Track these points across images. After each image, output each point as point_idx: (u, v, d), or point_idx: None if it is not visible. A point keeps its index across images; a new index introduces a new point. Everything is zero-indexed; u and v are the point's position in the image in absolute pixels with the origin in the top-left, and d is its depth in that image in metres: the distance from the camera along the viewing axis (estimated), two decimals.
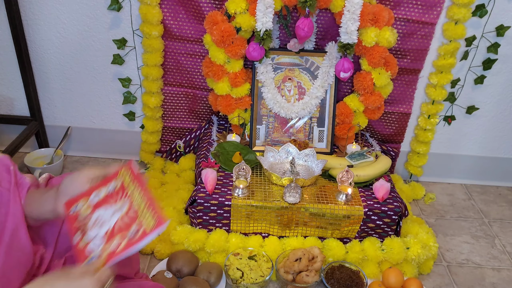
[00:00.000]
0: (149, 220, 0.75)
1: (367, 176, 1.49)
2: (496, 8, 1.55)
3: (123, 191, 0.82)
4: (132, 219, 0.77)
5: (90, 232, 0.79)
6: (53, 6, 1.62)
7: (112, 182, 0.84)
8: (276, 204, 1.38)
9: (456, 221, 1.73)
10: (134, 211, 0.78)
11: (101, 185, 0.84)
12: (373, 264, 1.39)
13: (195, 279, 1.28)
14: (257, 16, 1.43)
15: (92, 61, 1.73)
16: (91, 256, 0.76)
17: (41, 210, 0.84)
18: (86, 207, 0.81)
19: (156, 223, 0.74)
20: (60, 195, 0.82)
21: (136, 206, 0.79)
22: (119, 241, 0.75)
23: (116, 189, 0.83)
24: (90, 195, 0.82)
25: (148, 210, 0.77)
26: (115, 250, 0.75)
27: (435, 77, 1.65)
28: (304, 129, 1.64)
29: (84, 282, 0.70)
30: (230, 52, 1.49)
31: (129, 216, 0.78)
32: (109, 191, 0.82)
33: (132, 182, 0.82)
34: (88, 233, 0.79)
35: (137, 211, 0.78)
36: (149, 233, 0.73)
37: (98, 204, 0.81)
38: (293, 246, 1.40)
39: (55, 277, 0.71)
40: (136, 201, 0.79)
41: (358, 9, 1.42)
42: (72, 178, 0.83)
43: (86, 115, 1.86)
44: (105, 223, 0.79)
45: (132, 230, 0.75)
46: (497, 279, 1.47)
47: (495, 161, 1.90)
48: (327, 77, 1.58)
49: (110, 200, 0.81)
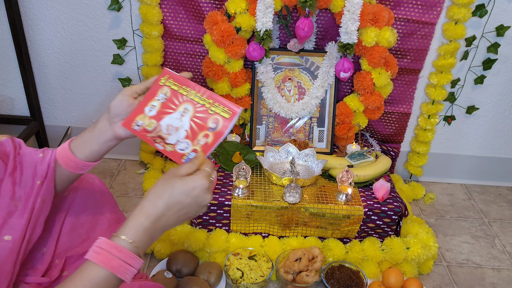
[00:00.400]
0: (223, 112, 0.84)
1: (367, 176, 1.49)
2: (496, 8, 1.55)
3: (177, 96, 0.87)
4: (205, 117, 0.84)
5: (170, 138, 0.84)
6: (53, 6, 1.62)
7: (159, 93, 0.88)
8: (276, 204, 1.38)
9: (456, 221, 1.73)
10: (203, 110, 0.85)
11: (149, 98, 0.88)
12: (373, 264, 1.39)
13: (195, 279, 1.28)
14: (257, 16, 1.43)
15: (92, 61, 1.73)
16: (187, 154, 0.83)
17: (96, 147, 0.88)
18: (149, 122, 0.86)
19: (232, 113, 0.84)
20: (114, 119, 0.86)
21: (201, 105, 0.85)
22: (205, 136, 0.83)
23: (168, 96, 0.88)
24: (143, 111, 0.86)
25: (216, 105, 0.85)
26: (206, 143, 0.83)
27: (435, 77, 1.65)
28: (304, 129, 1.64)
29: (196, 178, 0.74)
30: (230, 52, 1.49)
31: (199, 116, 0.85)
32: (161, 101, 0.87)
33: (181, 86, 0.88)
34: (168, 139, 0.84)
35: (206, 110, 0.85)
36: (229, 120, 0.83)
37: (159, 115, 0.86)
38: (293, 246, 1.40)
39: (170, 179, 0.75)
40: (199, 101, 0.86)
41: (358, 9, 1.42)
42: (117, 101, 0.86)
43: (86, 115, 1.86)
44: (180, 128, 0.85)
45: (211, 125, 0.83)
46: (497, 279, 1.47)
47: (495, 161, 1.90)
48: (327, 77, 1.58)
49: (168, 108, 0.86)
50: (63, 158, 0.89)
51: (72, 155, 0.88)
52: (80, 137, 0.90)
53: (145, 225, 0.72)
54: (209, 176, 0.77)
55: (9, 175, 0.83)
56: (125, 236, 0.70)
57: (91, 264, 0.69)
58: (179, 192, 0.73)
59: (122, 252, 0.69)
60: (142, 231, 0.72)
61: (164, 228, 0.75)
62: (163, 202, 0.73)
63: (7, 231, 0.79)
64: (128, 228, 0.71)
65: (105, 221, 1.05)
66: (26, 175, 0.86)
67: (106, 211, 1.07)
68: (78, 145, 0.89)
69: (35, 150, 0.90)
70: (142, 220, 0.72)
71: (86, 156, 0.89)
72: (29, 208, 0.83)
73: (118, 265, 0.68)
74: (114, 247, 0.69)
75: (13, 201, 0.82)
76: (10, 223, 0.80)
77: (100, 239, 0.70)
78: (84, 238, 0.99)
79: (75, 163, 0.89)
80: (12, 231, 0.80)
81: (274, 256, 1.38)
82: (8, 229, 0.79)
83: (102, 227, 1.03)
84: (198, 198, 0.74)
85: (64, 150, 0.89)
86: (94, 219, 1.03)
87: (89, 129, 0.89)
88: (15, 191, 0.83)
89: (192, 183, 0.74)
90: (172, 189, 0.73)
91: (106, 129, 0.87)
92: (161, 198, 0.73)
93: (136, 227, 0.71)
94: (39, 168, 0.87)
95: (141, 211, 0.73)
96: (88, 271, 0.68)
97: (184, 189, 0.73)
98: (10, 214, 0.81)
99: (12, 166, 0.84)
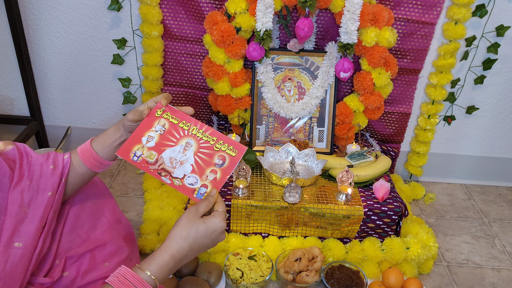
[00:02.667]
0: (229, 150, 0.88)
1: (367, 176, 1.49)
2: (496, 8, 1.55)
3: (177, 129, 0.90)
4: (211, 153, 0.88)
5: (176, 172, 0.87)
6: (53, 6, 1.62)
7: (156, 124, 0.90)
8: (276, 204, 1.38)
9: (456, 221, 1.73)
10: (207, 147, 0.89)
11: (145, 129, 0.90)
12: (373, 264, 1.39)
13: (195, 279, 1.28)
14: (257, 16, 1.43)
15: (92, 61, 1.73)
16: (198, 189, 0.86)
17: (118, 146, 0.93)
18: (148, 153, 0.88)
19: (238, 151, 0.88)
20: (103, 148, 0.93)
21: (205, 141, 0.89)
22: (213, 172, 0.87)
23: (167, 128, 0.90)
24: (141, 141, 0.89)
25: (220, 143, 0.89)
26: (214, 178, 0.87)
27: (435, 77, 1.65)
28: (304, 129, 1.64)
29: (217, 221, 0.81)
30: (230, 52, 1.49)
31: (204, 151, 0.89)
32: (159, 133, 0.90)
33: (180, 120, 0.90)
34: (174, 173, 0.87)
35: (211, 146, 0.88)
36: (236, 158, 0.88)
37: (159, 147, 0.88)
38: (293, 246, 1.40)
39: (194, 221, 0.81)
40: (202, 137, 0.89)
41: (358, 9, 1.42)
42: (131, 115, 0.91)
43: (86, 115, 1.86)
44: (185, 162, 0.88)
45: (217, 161, 0.88)
46: (497, 279, 1.47)
47: (495, 161, 1.90)
48: (327, 77, 1.58)
49: (168, 140, 0.89)
50: (86, 156, 0.94)
51: (96, 154, 0.94)
52: (102, 137, 0.95)
53: (170, 265, 0.79)
54: (225, 217, 0.84)
55: (17, 183, 0.85)
56: (150, 272, 0.76)
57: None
58: (202, 236, 0.80)
59: (143, 285, 0.75)
60: (166, 270, 0.78)
61: (181, 264, 0.82)
62: (187, 245, 0.80)
63: (18, 238, 0.81)
64: (154, 265, 0.77)
65: (105, 221, 1.05)
66: (35, 184, 0.88)
67: (106, 211, 1.07)
68: (101, 145, 0.94)
69: (46, 160, 0.92)
70: (167, 259, 0.78)
71: (110, 156, 0.95)
72: (39, 217, 0.85)
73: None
74: (138, 281, 0.75)
75: (22, 208, 0.84)
76: (21, 230, 0.82)
77: (125, 269, 0.76)
78: (84, 238, 0.99)
79: (99, 162, 0.94)
80: (23, 238, 0.82)
81: (274, 256, 1.38)
82: (18, 236, 0.81)
83: (102, 227, 1.03)
84: (216, 240, 0.83)
85: (87, 149, 0.94)
86: (94, 219, 1.03)
87: (111, 129, 0.94)
88: (24, 199, 0.85)
89: (213, 227, 0.81)
90: (196, 233, 0.80)
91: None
92: (186, 241, 0.80)
93: (161, 265, 0.78)
94: (51, 180, 0.90)
95: (167, 251, 0.79)
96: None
97: (206, 232, 0.81)
98: (21, 222, 0.83)
99: (19, 175, 0.86)
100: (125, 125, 0.92)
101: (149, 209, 1.55)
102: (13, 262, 0.79)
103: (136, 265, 0.77)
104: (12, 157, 0.88)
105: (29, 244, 0.82)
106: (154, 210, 1.54)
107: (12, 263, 0.78)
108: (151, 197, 1.59)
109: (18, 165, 0.87)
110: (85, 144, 0.95)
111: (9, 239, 0.80)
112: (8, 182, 0.84)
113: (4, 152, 0.88)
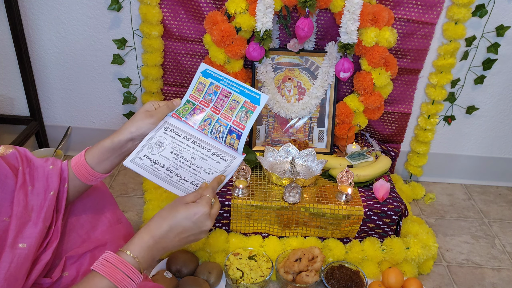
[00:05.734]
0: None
1: (367, 176, 1.49)
2: (496, 8, 1.55)
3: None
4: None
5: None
6: (53, 6, 1.62)
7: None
8: (276, 204, 1.38)
9: (456, 221, 1.73)
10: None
11: None
12: (373, 264, 1.39)
13: (195, 279, 1.28)
14: (257, 16, 1.43)
15: (92, 61, 1.73)
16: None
17: (117, 160, 0.94)
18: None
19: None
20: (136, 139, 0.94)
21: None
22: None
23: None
24: None
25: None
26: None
27: (435, 77, 1.65)
28: (304, 129, 1.64)
29: (199, 204, 0.83)
30: (230, 52, 1.48)
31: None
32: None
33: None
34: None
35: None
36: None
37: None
38: (293, 246, 1.40)
39: (176, 205, 0.83)
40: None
41: (358, 9, 1.42)
42: (139, 122, 0.94)
43: (86, 115, 1.86)
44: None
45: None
46: (497, 279, 1.47)
47: (495, 161, 1.90)
48: (327, 77, 1.58)
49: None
50: (80, 171, 0.93)
51: (91, 169, 0.92)
52: (97, 150, 0.93)
53: (149, 243, 0.78)
54: (210, 202, 0.83)
55: (21, 187, 0.86)
56: (130, 252, 0.77)
57: (97, 275, 0.74)
58: (182, 217, 0.80)
59: (126, 267, 0.75)
60: (145, 249, 0.78)
61: (165, 248, 0.81)
62: (166, 224, 0.80)
63: (22, 240, 0.82)
64: (133, 244, 0.78)
65: (105, 221, 1.05)
66: (37, 187, 0.88)
67: (106, 211, 1.07)
68: (97, 157, 0.93)
69: (45, 161, 0.92)
70: (147, 238, 0.78)
71: (106, 169, 0.94)
72: (43, 218, 0.86)
73: (122, 279, 0.74)
74: (120, 261, 0.75)
75: (26, 211, 0.84)
76: (24, 232, 0.83)
77: (108, 253, 0.76)
78: (84, 238, 0.99)
79: (93, 176, 0.93)
80: (27, 240, 0.82)
81: (274, 256, 1.38)
82: (22, 237, 0.82)
83: (102, 228, 1.03)
84: (199, 223, 0.81)
85: (81, 163, 0.93)
86: (94, 219, 1.03)
87: (107, 142, 0.93)
88: (28, 202, 0.85)
89: (193, 209, 0.81)
90: (176, 213, 0.80)
91: (129, 147, 0.93)
92: (165, 220, 0.80)
93: (141, 244, 0.78)
94: (51, 180, 0.90)
95: (145, 229, 0.80)
96: (94, 281, 0.74)
97: (187, 214, 0.80)
98: (24, 224, 0.83)
99: (23, 179, 0.87)
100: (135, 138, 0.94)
101: (149, 209, 1.55)
102: (18, 262, 0.79)
103: (120, 249, 0.78)
104: (13, 161, 0.88)
105: (33, 245, 0.83)
106: (154, 210, 1.54)
107: (16, 264, 0.79)
108: (151, 197, 1.59)
109: (21, 169, 0.87)
110: (79, 159, 0.94)
111: (14, 240, 0.80)
112: (10, 184, 0.84)
113: (5, 156, 0.88)
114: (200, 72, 1.01)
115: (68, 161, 0.95)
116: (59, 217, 0.91)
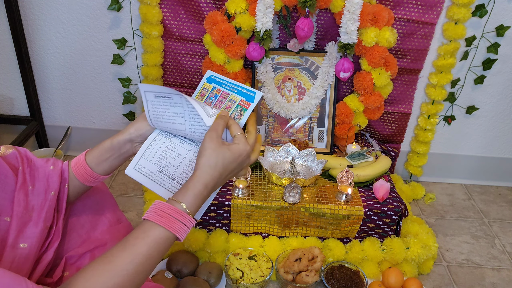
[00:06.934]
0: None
1: (367, 176, 1.49)
2: (496, 8, 1.55)
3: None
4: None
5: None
6: (53, 6, 1.62)
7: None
8: (276, 204, 1.38)
9: (456, 221, 1.73)
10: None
11: None
12: (373, 264, 1.39)
13: (195, 279, 1.28)
14: (257, 16, 1.43)
15: (92, 61, 1.73)
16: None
17: (116, 162, 0.94)
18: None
19: None
20: (136, 140, 0.94)
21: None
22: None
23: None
24: None
25: None
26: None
27: (435, 77, 1.65)
28: (304, 129, 1.64)
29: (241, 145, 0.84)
30: (230, 52, 1.48)
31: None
32: None
33: None
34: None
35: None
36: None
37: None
38: (293, 246, 1.40)
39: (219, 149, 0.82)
40: None
41: (358, 9, 1.42)
42: (139, 123, 0.94)
43: (86, 115, 1.86)
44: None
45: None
46: (497, 279, 1.47)
47: (495, 161, 1.90)
48: (327, 77, 1.58)
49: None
50: (80, 172, 0.92)
51: (90, 170, 0.92)
52: (97, 150, 0.93)
53: (204, 194, 0.80)
54: (245, 139, 0.86)
55: (21, 187, 0.85)
56: (185, 204, 0.78)
57: (153, 226, 0.75)
58: (230, 162, 0.82)
59: (182, 216, 0.77)
60: (200, 199, 0.80)
61: (213, 191, 0.84)
62: (218, 173, 0.81)
63: (23, 239, 0.82)
64: (188, 196, 0.79)
65: (105, 221, 1.05)
66: (38, 187, 0.88)
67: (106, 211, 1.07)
68: (96, 158, 0.93)
69: (46, 162, 0.92)
70: (201, 189, 0.80)
71: (105, 171, 0.94)
72: (43, 218, 0.85)
73: (179, 227, 0.76)
74: (176, 212, 0.76)
75: (27, 211, 0.84)
76: (25, 232, 0.83)
77: (159, 203, 0.77)
78: (84, 238, 0.99)
79: (92, 177, 0.93)
80: (28, 240, 0.82)
81: (274, 256, 1.38)
82: (23, 237, 0.82)
83: (102, 227, 1.03)
84: (242, 162, 0.85)
85: (81, 164, 0.93)
86: (95, 219, 1.03)
87: (106, 143, 0.93)
88: (28, 202, 0.85)
89: (238, 152, 0.83)
90: (224, 160, 0.82)
91: (128, 148, 0.93)
92: (216, 169, 0.81)
93: (196, 195, 0.79)
94: (52, 181, 0.90)
95: (199, 181, 0.80)
96: (151, 231, 0.75)
97: (233, 158, 0.82)
98: (25, 224, 0.83)
99: (23, 179, 0.86)
100: (134, 139, 0.93)
101: None
102: (19, 262, 0.79)
103: (170, 197, 0.79)
104: (13, 161, 0.88)
105: (34, 245, 0.83)
106: None
107: (17, 264, 0.79)
108: (151, 197, 1.59)
109: (22, 169, 0.87)
110: (79, 160, 0.94)
111: (15, 240, 0.80)
112: (11, 184, 0.84)
113: (5, 156, 0.88)
114: (205, 78, 1.02)
115: (68, 162, 0.95)
116: (60, 217, 0.91)
